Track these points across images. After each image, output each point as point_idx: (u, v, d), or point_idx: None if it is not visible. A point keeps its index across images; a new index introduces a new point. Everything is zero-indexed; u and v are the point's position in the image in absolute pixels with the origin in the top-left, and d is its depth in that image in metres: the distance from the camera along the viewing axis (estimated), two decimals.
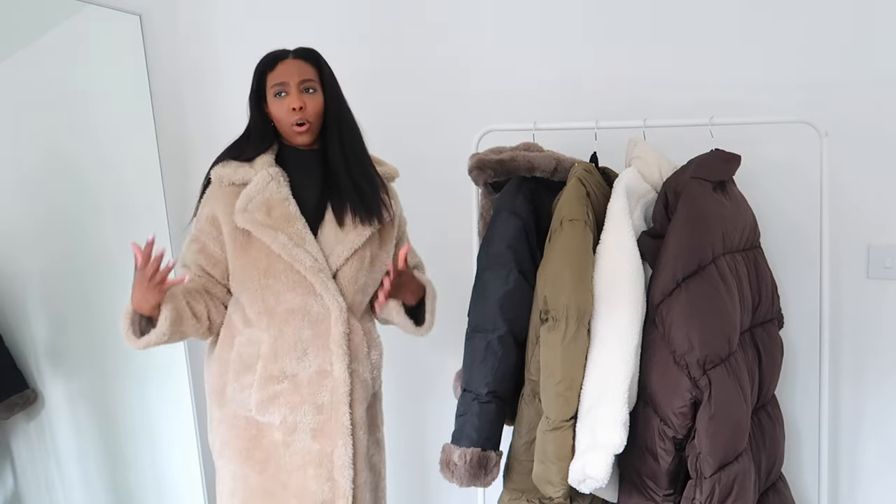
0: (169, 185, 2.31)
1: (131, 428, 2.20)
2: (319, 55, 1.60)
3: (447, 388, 2.24)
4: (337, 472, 1.52)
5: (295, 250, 1.50)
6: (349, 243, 1.54)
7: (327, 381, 1.52)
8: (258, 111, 1.60)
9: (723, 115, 1.70)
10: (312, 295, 1.52)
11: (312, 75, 1.56)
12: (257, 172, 1.54)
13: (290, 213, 1.52)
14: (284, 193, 1.53)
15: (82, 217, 2.10)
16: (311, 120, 1.55)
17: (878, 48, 1.80)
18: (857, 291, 1.87)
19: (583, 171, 1.57)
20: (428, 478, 2.35)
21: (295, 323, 1.52)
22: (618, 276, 1.47)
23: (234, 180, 1.55)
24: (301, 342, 1.52)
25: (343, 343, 1.53)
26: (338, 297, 1.53)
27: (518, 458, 1.60)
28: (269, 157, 1.57)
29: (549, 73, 2.05)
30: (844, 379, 1.90)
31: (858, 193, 1.84)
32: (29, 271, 2.00)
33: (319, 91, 1.57)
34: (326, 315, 1.53)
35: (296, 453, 1.52)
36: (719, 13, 1.90)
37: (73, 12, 2.08)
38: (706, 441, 1.38)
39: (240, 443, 1.55)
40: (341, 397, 1.52)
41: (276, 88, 1.54)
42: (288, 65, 1.56)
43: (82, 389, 2.09)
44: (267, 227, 1.50)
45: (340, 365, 1.52)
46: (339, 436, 1.52)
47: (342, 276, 1.54)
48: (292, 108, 1.52)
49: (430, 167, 2.20)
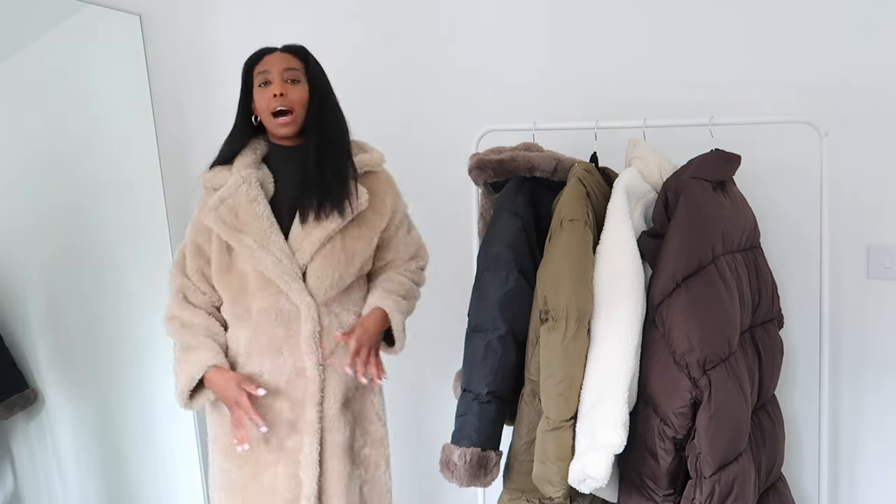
0: (169, 185, 2.31)
1: (131, 428, 2.20)
2: (307, 50, 1.60)
3: (447, 388, 2.24)
4: (302, 470, 1.52)
5: (258, 252, 1.50)
6: (313, 239, 1.53)
7: (301, 379, 1.53)
8: (242, 109, 1.61)
9: (723, 115, 1.70)
10: (281, 294, 1.53)
11: (297, 66, 1.56)
12: (232, 175, 1.55)
13: (257, 213, 1.52)
14: (253, 195, 1.53)
15: (82, 217, 2.10)
16: (293, 108, 1.53)
17: (878, 48, 1.80)
18: (857, 291, 1.87)
19: (583, 171, 1.57)
20: (428, 478, 2.35)
21: (268, 322, 1.53)
22: (618, 276, 1.47)
23: (214, 185, 1.58)
24: (276, 340, 1.53)
25: (312, 341, 1.52)
26: (304, 296, 1.52)
27: (518, 458, 1.60)
28: (248, 158, 1.58)
29: (549, 73, 2.05)
30: (844, 379, 1.90)
31: (858, 193, 1.84)
32: (29, 271, 2.00)
33: (304, 83, 1.56)
34: (297, 314, 1.53)
35: (272, 450, 1.54)
36: (719, 13, 1.90)
37: (73, 12, 2.08)
38: (706, 441, 1.38)
39: (225, 438, 1.58)
40: (312, 395, 1.53)
41: (260, 78, 1.55)
42: (273, 56, 1.57)
43: (82, 389, 2.09)
44: (233, 229, 1.52)
45: (311, 362, 1.52)
46: (307, 433, 1.53)
47: (311, 273, 1.53)
48: (273, 95, 1.51)
49: (430, 167, 2.20)
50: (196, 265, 1.59)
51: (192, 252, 1.59)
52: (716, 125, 1.66)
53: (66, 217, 2.04)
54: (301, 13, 2.28)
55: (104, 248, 2.15)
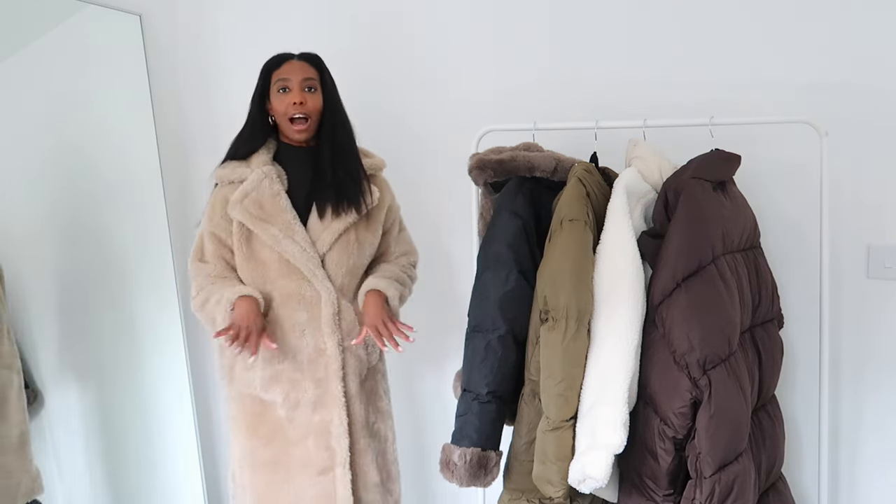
0: (169, 185, 2.31)
1: (132, 428, 2.20)
2: (321, 59, 1.75)
3: (447, 388, 2.24)
4: (334, 440, 1.68)
5: (284, 241, 1.66)
6: (332, 231, 1.69)
7: (322, 358, 1.69)
8: (258, 109, 1.74)
9: (723, 115, 1.70)
10: (304, 281, 1.68)
11: (314, 75, 1.71)
12: (253, 171, 1.69)
13: (281, 206, 1.68)
14: (276, 189, 1.68)
15: (82, 216, 2.10)
16: (310, 115, 1.70)
17: (878, 48, 1.80)
18: (857, 291, 1.87)
19: (583, 171, 1.57)
20: (428, 478, 2.35)
21: (291, 306, 1.68)
22: (618, 275, 1.47)
23: (232, 179, 1.70)
24: (298, 324, 1.68)
25: (333, 323, 1.69)
26: (326, 283, 1.69)
27: (518, 458, 1.60)
28: (265, 155, 1.72)
29: (549, 73, 2.05)
30: (844, 379, 1.90)
31: (858, 193, 1.84)
32: (29, 271, 2.00)
33: (319, 91, 1.72)
34: (318, 298, 1.69)
35: (299, 427, 1.69)
36: (719, 13, 1.90)
37: (73, 12, 2.08)
38: (706, 441, 1.38)
39: (246, 418, 1.72)
40: (335, 372, 1.69)
41: (279, 84, 1.69)
42: (292, 64, 1.71)
43: (83, 389, 2.09)
44: (260, 220, 1.66)
45: (332, 343, 1.69)
46: (335, 407, 1.68)
47: (329, 261, 1.70)
48: (293, 103, 1.67)
49: (430, 167, 2.20)
50: (218, 252, 1.73)
51: (210, 241, 1.73)
52: (716, 125, 1.66)
53: (66, 216, 2.04)
54: (301, 13, 2.28)
55: (104, 247, 2.16)
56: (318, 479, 1.69)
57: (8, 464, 1.76)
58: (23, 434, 1.81)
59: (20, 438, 1.80)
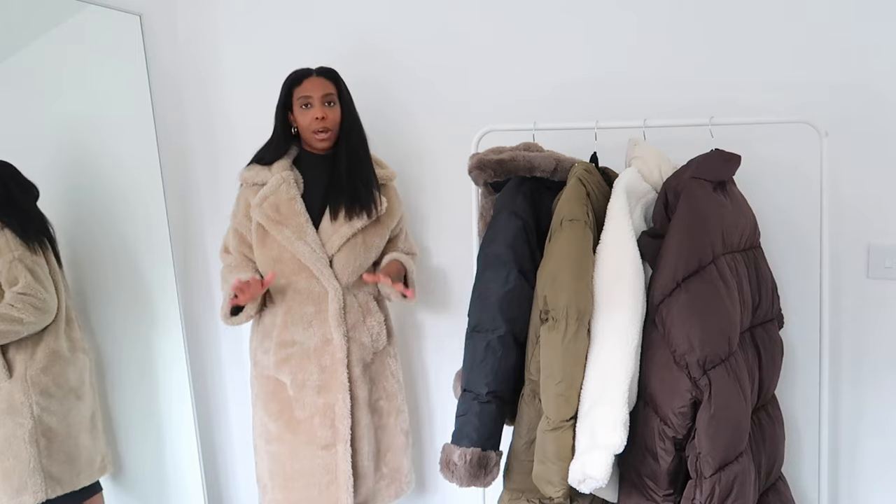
0: (169, 185, 2.31)
1: (132, 428, 2.20)
2: (338, 74, 1.92)
3: (447, 388, 2.24)
4: (338, 420, 1.87)
5: (296, 242, 1.85)
6: (342, 234, 1.87)
7: (329, 347, 1.88)
8: (281, 121, 1.92)
9: (723, 115, 1.70)
10: (313, 278, 1.87)
11: (332, 90, 1.89)
12: (273, 176, 1.88)
13: (296, 210, 1.86)
14: (293, 194, 1.87)
15: (82, 216, 2.10)
16: (331, 128, 1.88)
17: (877, 48, 1.79)
18: (857, 291, 1.87)
19: (583, 171, 1.57)
20: (428, 478, 2.35)
21: (301, 300, 1.89)
22: (618, 275, 1.47)
23: (255, 181, 1.90)
24: (307, 316, 1.89)
25: (338, 316, 1.88)
26: (333, 280, 1.88)
27: (518, 458, 1.60)
28: (286, 161, 1.91)
29: (548, 73, 2.05)
30: (844, 379, 1.90)
31: (858, 193, 1.84)
32: None
33: (337, 104, 1.90)
34: (326, 294, 1.88)
35: (305, 406, 1.88)
36: (719, 13, 1.90)
37: (73, 12, 2.08)
38: (706, 441, 1.38)
39: (264, 395, 1.94)
40: (340, 361, 1.88)
41: (302, 100, 1.87)
42: (312, 81, 1.88)
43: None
44: (275, 222, 1.85)
45: (339, 334, 1.88)
46: (339, 391, 1.87)
47: (337, 261, 1.88)
48: (316, 118, 1.85)
49: (430, 167, 2.20)
50: (239, 247, 1.94)
51: (234, 237, 1.95)
52: (716, 125, 1.66)
53: (65, 216, 2.04)
54: (300, 14, 2.28)
55: (104, 247, 2.16)
56: (321, 453, 1.88)
57: (83, 442, 1.93)
58: (94, 415, 2.00)
59: (92, 419, 1.98)
